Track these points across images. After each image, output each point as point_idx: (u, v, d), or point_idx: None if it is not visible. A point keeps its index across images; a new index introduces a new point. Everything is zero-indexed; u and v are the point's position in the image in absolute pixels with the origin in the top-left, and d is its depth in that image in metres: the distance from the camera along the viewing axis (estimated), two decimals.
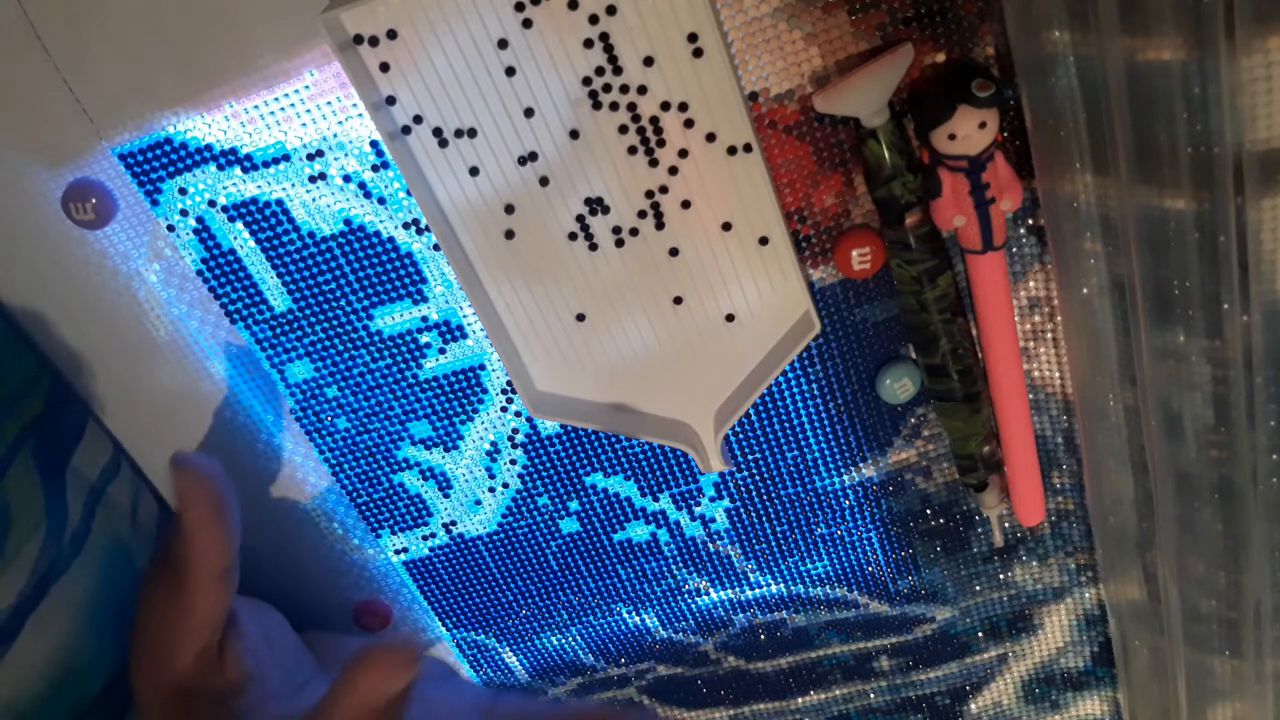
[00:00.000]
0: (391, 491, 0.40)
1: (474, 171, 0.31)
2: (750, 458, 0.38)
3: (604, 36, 0.29)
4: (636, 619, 0.44)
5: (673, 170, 0.31)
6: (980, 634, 0.43)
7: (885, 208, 0.31)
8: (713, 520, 0.40)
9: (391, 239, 0.34)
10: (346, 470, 0.39)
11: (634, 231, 0.32)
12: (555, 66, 0.29)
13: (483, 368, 0.36)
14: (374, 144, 0.32)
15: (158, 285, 0.35)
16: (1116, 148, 0.26)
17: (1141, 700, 0.41)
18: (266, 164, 0.33)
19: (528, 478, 0.39)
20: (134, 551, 0.38)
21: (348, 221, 0.34)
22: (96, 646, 0.36)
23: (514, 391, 0.37)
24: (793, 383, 0.36)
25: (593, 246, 0.32)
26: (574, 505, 0.40)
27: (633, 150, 0.30)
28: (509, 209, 0.32)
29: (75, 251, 0.35)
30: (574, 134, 0.30)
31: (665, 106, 0.30)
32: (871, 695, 0.46)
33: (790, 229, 0.33)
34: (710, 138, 0.30)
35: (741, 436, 0.38)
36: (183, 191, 0.33)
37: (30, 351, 0.36)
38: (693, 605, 0.43)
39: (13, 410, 0.35)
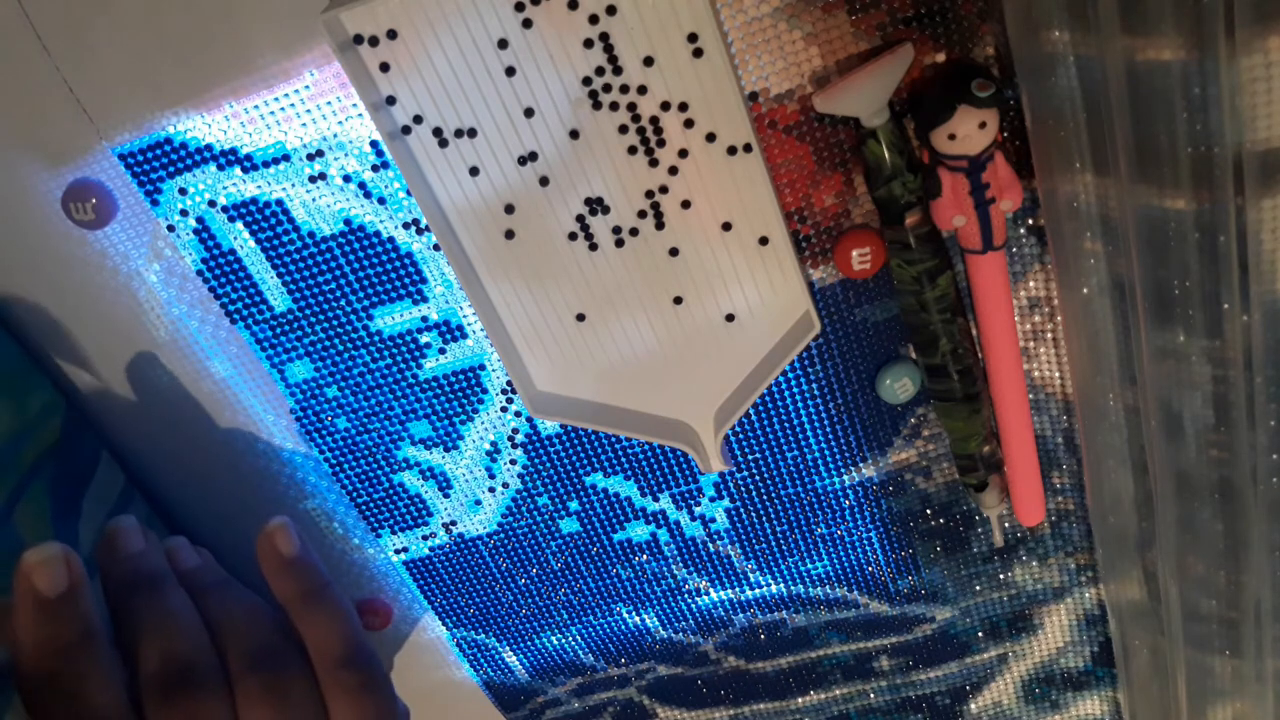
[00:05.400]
0: (391, 491, 0.40)
1: (474, 171, 0.31)
2: (750, 458, 0.38)
3: (604, 36, 0.29)
4: (636, 619, 0.44)
5: (673, 170, 0.31)
6: (980, 634, 0.43)
7: (885, 208, 0.31)
8: (713, 520, 0.40)
9: (391, 239, 0.34)
10: (346, 470, 0.39)
11: (634, 231, 0.32)
12: (555, 66, 0.29)
13: (483, 368, 0.36)
14: (374, 144, 0.32)
15: (158, 285, 0.35)
16: (1116, 148, 0.26)
17: (1141, 700, 0.41)
18: (266, 164, 0.33)
19: (528, 478, 0.39)
20: None
21: (348, 221, 0.34)
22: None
23: (514, 391, 0.37)
24: (793, 383, 0.36)
25: (593, 246, 0.32)
26: (574, 505, 0.40)
27: (633, 150, 0.30)
28: (509, 209, 0.32)
29: (75, 251, 0.35)
30: (574, 134, 0.30)
31: (665, 106, 0.30)
32: (871, 695, 0.46)
33: (790, 229, 0.33)
34: (710, 138, 0.30)
35: (741, 436, 0.38)
36: (183, 191, 0.33)
37: (46, 377, 0.36)
38: (693, 605, 0.43)
39: (30, 438, 0.35)
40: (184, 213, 0.34)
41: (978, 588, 0.42)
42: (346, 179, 0.33)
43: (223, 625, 0.32)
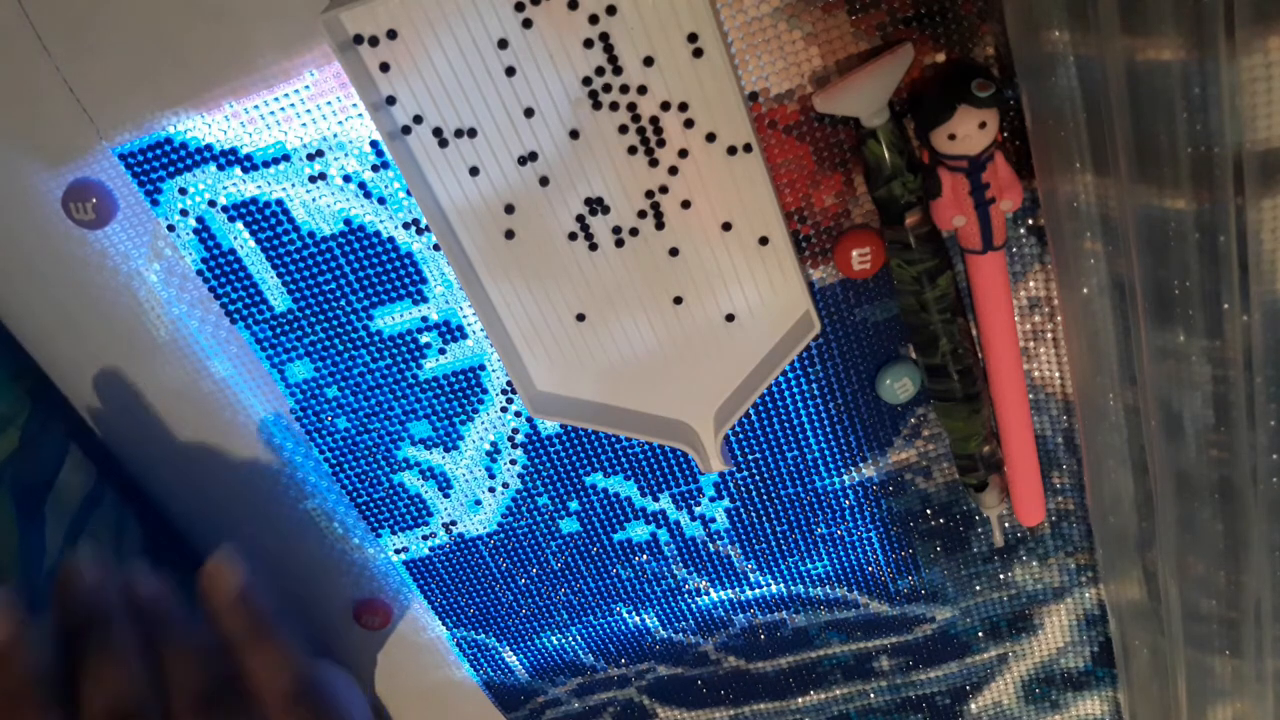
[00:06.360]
0: (391, 491, 0.40)
1: (474, 171, 0.31)
2: (750, 458, 0.38)
3: (604, 36, 0.29)
4: (636, 619, 0.44)
5: (673, 170, 0.31)
6: (980, 634, 0.43)
7: (885, 208, 0.31)
8: (713, 520, 0.40)
9: (391, 239, 0.34)
10: (346, 470, 0.39)
11: (634, 231, 0.32)
12: (555, 66, 0.29)
13: (483, 368, 0.36)
14: (374, 144, 0.32)
15: (158, 285, 0.35)
16: (1116, 148, 0.26)
17: (1141, 700, 0.41)
18: (266, 164, 0.33)
19: (528, 478, 0.39)
20: None
21: (348, 221, 0.34)
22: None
23: (514, 391, 0.37)
24: (793, 383, 0.36)
25: (593, 246, 0.32)
26: (574, 505, 0.40)
27: (633, 150, 0.30)
28: (509, 209, 0.32)
29: (75, 251, 0.35)
30: (574, 134, 0.30)
31: (665, 106, 0.30)
32: (871, 695, 0.46)
33: (790, 229, 0.33)
34: (710, 138, 0.30)
35: (741, 436, 0.38)
36: (183, 191, 0.33)
37: (6, 388, 0.36)
38: (693, 605, 0.43)
39: None
40: (184, 212, 0.34)
41: (978, 588, 0.42)
42: (346, 179, 0.33)
43: (173, 663, 0.31)
